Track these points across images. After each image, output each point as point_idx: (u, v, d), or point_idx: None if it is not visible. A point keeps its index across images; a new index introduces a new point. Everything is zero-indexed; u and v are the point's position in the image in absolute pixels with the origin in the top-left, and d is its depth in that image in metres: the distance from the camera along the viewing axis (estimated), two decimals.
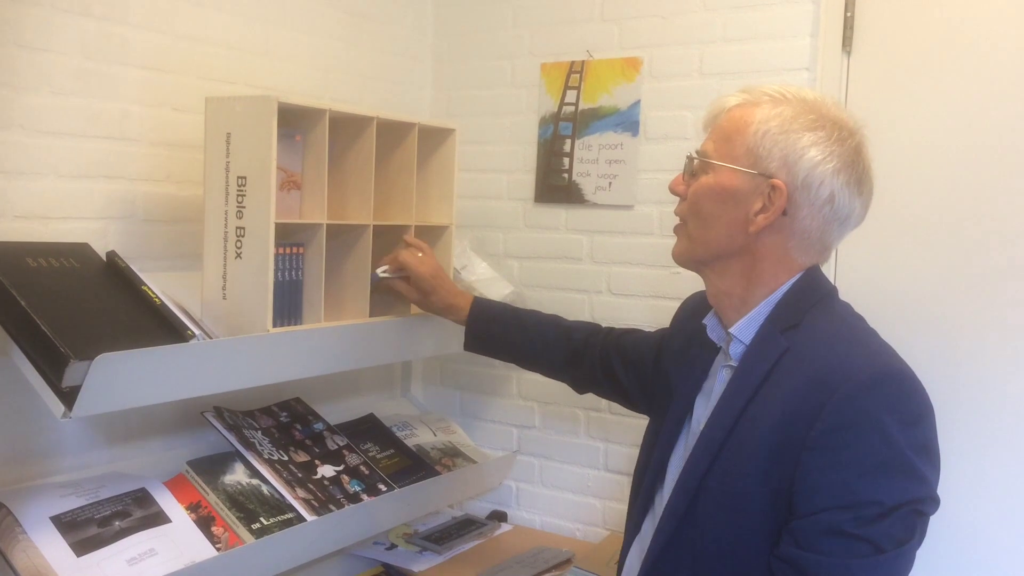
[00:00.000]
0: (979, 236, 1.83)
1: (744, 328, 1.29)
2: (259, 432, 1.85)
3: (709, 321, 1.38)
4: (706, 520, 1.24)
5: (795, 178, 1.23)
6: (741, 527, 1.21)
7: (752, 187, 1.25)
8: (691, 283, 2.13)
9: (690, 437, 1.34)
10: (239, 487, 1.70)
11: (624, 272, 2.23)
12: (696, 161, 1.32)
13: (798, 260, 1.28)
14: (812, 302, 1.27)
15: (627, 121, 2.19)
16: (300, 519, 1.69)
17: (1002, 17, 1.81)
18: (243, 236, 1.60)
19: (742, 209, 1.26)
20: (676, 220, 1.37)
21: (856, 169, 1.25)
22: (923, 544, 1.19)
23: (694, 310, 1.50)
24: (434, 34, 2.48)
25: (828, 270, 1.83)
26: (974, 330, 1.83)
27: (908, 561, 1.16)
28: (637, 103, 2.18)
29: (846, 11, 1.93)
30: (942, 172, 1.87)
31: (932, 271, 1.87)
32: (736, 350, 1.30)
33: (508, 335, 1.77)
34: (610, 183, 2.22)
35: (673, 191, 1.37)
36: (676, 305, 1.62)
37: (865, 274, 1.92)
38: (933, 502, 1.17)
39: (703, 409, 1.34)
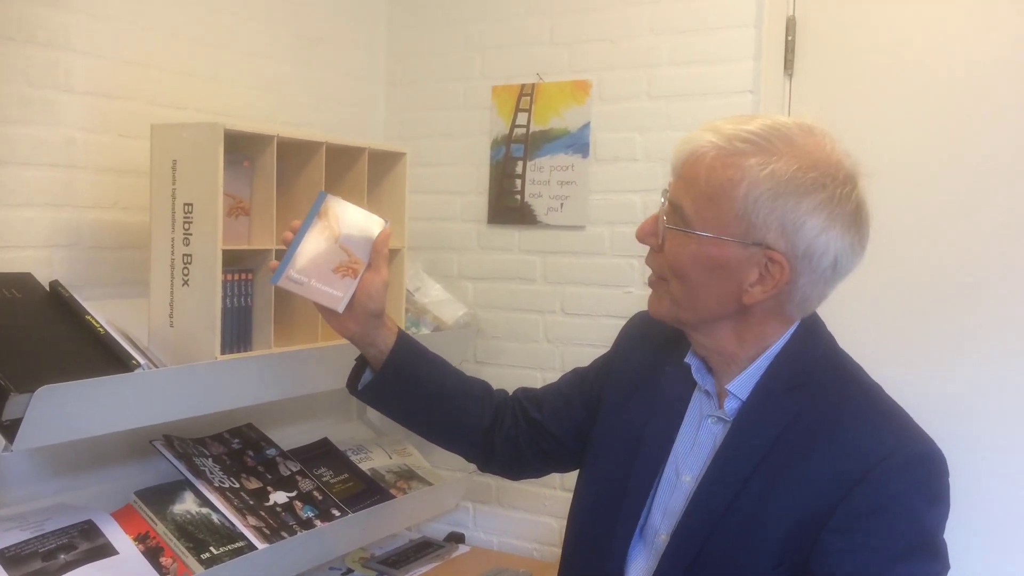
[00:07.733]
0: (922, 253, 1.87)
1: (742, 385, 1.18)
2: (210, 459, 1.83)
3: (693, 361, 1.24)
4: None
5: (795, 248, 1.10)
6: None
7: (745, 257, 1.11)
8: (644, 302, 2.17)
9: (668, 485, 1.22)
10: (188, 516, 1.69)
11: (577, 292, 2.25)
12: (669, 218, 1.16)
13: (794, 316, 1.18)
14: (815, 356, 1.19)
15: (578, 143, 2.22)
16: (251, 547, 1.67)
17: (940, 38, 1.86)
18: (190, 263, 1.59)
19: (734, 280, 1.13)
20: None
21: (860, 224, 1.13)
22: None
23: (644, 333, 1.38)
24: (387, 57, 2.50)
25: None
26: (921, 345, 1.87)
27: None
28: (587, 125, 2.21)
29: (787, 35, 1.98)
30: (883, 190, 1.90)
31: (877, 289, 1.90)
32: (732, 405, 1.19)
33: (432, 376, 1.42)
34: (562, 204, 2.24)
35: (642, 241, 1.20)
36: None
37: None
38: (947, 572, 1.11)
39: (685, 457, 1.22)
